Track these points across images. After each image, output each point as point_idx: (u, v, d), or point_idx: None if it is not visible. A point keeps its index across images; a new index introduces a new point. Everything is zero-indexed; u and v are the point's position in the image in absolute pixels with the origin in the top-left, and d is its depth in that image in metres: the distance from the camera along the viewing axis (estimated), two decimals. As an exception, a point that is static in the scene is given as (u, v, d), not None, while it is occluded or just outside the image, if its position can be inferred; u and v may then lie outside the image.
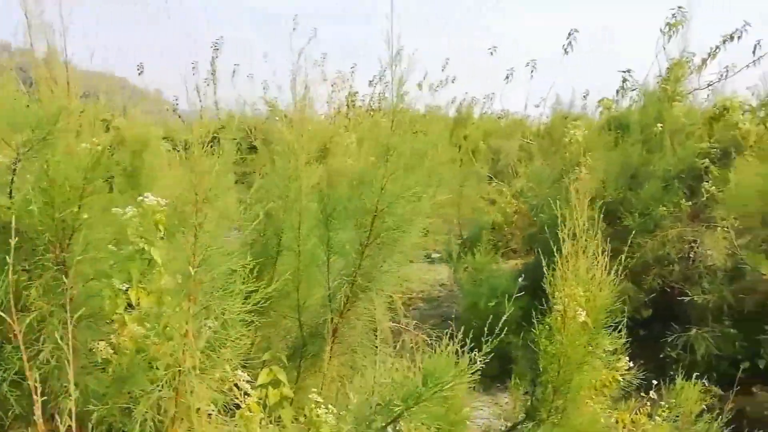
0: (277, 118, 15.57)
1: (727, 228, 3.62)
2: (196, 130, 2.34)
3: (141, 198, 2.16)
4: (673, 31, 5.09)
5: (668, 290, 4.03)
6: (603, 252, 2.27)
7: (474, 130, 11.17)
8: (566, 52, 9.65)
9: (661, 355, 4.09)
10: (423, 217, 2.33)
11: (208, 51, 18.13)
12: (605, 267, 2.23)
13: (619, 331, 2.39)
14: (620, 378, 2.62)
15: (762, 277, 3.60)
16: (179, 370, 1.42)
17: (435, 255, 6.82)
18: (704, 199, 3.93)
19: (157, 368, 1.47)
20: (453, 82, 16.60)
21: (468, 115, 14.11)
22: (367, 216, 2.24)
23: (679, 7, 5.13)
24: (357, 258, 2.27)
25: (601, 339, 2.20)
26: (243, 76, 17.90)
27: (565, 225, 2.33)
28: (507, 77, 15.20)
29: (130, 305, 2.00)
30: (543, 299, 2.30)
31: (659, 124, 4.35)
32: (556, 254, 2.32)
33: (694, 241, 3.75)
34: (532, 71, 12.13)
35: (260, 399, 1.78)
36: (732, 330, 3.76)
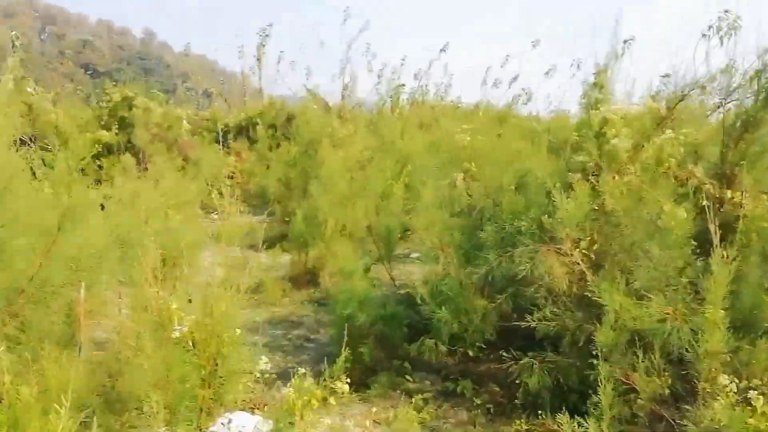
0: (315, 106, 15.85)
1: (569, 251, 3.31)
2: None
3: None
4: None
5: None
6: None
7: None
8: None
9: (517, 381, 3.83)
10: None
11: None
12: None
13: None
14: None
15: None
16: None
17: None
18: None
19: None
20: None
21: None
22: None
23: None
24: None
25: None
26: (289, 62, 18.31)
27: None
28: (548, 72, 14.75)
29: None
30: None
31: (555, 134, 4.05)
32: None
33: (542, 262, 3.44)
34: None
35: None
36: (572, 360, 3.46)
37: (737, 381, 2.69)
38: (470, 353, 4.31)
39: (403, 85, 16.08)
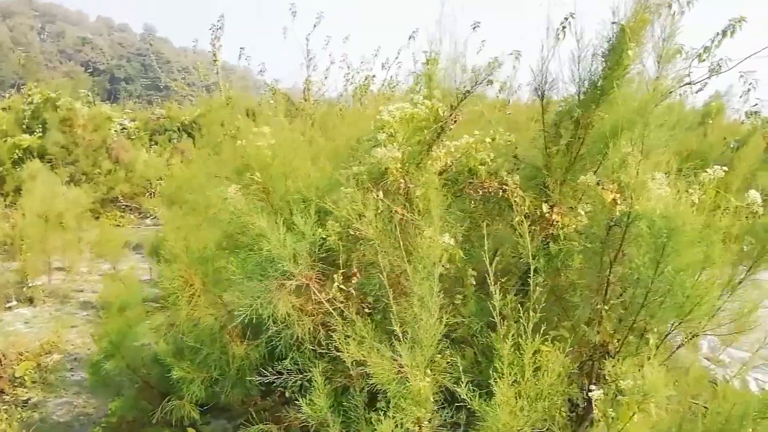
0: (271, 102, 15.23)
1: (311, 286, 2.67)
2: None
3: None
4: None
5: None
6: None
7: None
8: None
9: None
10: None
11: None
12: None
13: None
14: None
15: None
16: None
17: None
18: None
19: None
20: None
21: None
22: None
23: None
24: None
25: None
26: (245, 58, 17.60)
27: None
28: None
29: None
30: None
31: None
32: None
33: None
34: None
35: None
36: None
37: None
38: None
39: (372, 76, 15.37)
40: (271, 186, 3.56)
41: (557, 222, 3.08)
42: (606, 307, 2.35)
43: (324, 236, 2.70)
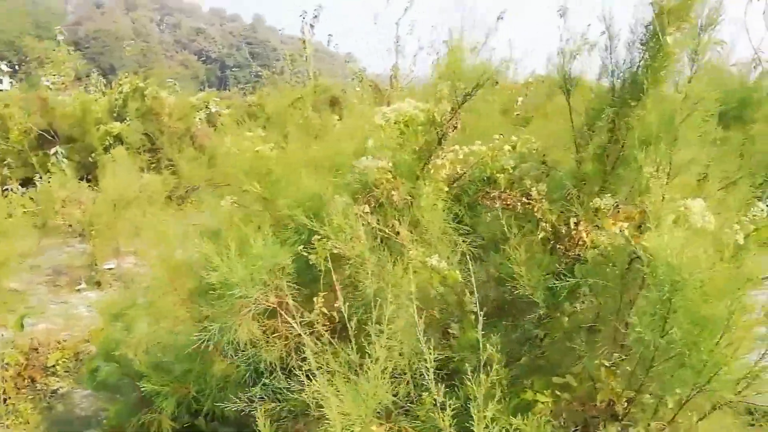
0: (357, 89, 15.19)
1: (278, 309, 2.39)
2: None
3: None
4: None
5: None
6: None
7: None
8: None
9: None
10: None
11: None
12: None
13: None
14: None
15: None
16: None
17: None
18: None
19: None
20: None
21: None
22: None
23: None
24: None
25: None
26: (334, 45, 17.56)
27: None
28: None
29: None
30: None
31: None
32: None
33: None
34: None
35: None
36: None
37: None
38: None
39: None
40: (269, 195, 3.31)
41: (583, 242, 2.61)
42: (606, 363, 1.88)
43: (289, 257, 2.40)
